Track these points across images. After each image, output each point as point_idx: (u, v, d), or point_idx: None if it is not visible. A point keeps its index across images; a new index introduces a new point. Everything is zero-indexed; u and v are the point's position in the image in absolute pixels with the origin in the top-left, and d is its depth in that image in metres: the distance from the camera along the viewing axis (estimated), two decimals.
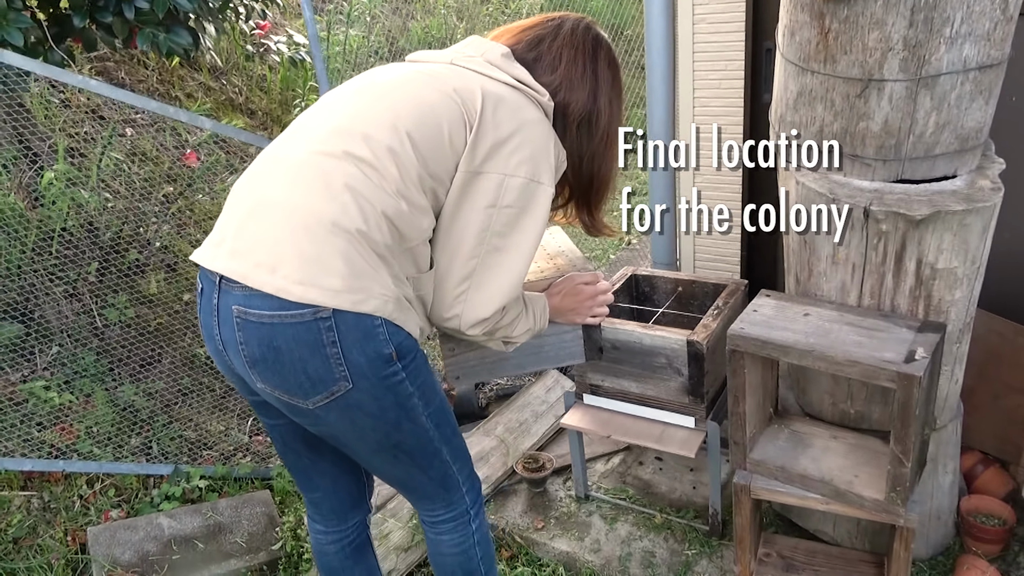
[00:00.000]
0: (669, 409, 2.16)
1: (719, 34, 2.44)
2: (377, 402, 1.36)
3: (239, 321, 1.30)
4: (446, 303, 1.42)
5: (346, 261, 1.27)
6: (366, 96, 1.41)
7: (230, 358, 1.36)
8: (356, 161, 1.31)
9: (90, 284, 2.94)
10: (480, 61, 1.47)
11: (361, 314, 1.28)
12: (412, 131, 1.34)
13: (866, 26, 1.51)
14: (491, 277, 1.41)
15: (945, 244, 1.60)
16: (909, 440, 1.57)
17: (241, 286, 1.28)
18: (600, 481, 2.55)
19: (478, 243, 1.39)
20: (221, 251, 1.33)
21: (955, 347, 1.77)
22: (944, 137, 1.60)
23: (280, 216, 1.30)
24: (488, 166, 1.38)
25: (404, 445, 1.45)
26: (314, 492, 1.67)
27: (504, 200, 1.39)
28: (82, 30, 2.62)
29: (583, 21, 1.57)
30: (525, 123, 1.41)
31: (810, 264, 1.80)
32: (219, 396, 3.04)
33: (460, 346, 1.67)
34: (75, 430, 2.64)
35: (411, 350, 1.38)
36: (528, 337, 1.59)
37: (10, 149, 2.92)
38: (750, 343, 1.70)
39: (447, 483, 1.57)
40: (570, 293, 1.69)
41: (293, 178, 1.33)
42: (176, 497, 2.58)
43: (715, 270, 2.78)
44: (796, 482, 1.82)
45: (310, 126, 1.40)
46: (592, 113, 1.53)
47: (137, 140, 3.63)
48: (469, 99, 1.39)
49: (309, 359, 1.29)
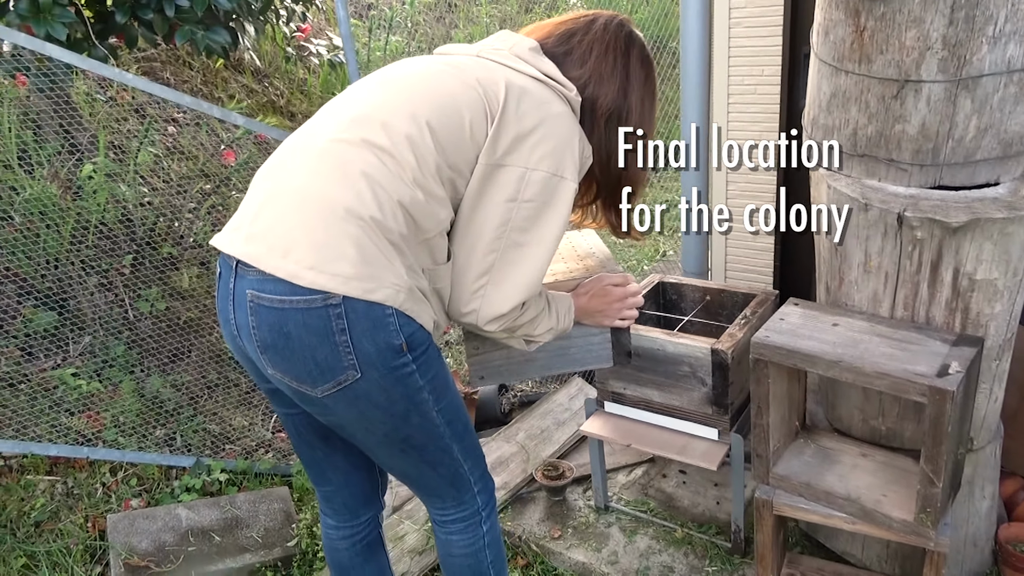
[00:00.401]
0: (692, 420, 2.10)
1: (756, 39, 2.38)
2: (386, 393, 1.34)
3: (252, 306, 1.29)
4: (464, 298, 1.40)
5: (358, 248, 1.26)
6: (388, 86, 1.41)
7: (243, 343, 1.35)
8: (374, 149, 1.30)
9: (124, 276, 2.99)
10: (506, 54, 1.45)
11: (372, 302, 1.27)
12: (432, 120, 1.32)
13: (903, 24, 1.45)
14: (510, 273, 1.38)
15: (984, 254, 1.53)
16: (941, 459, 1.49)
17: (256, 270, 1.28)
18: (621, 492, 2.49)
19: (497, 237, 1.37)
20: (238, 236, 1.33)
21: (994, 364, 1.68)
22: (986, 142, 1.53)
23: (296, 202, 1.30)
24: (510, 159, 1.36)
25: (413, 439, 1.43)
26: (326, 486, 1.65)
27: (525, 194, 1.36)
28: (124, 26, 2.67)
29: (617, 18, 1.53)
30: (549, 116, 1.38)
31: (841, 272, 1.73)
32: (244, 392, 3.06)
33: (484, 345, 1.63)
34: (102, 418, 2.68)
35: (423, 342, 1.35)
36: (551, 337, 1.55)
37: (54, 143, 2.99)
38: (775, 352, 1.64)
39: (458, 482, 1.54)
40: (598, 294, 1.64)
41: (311, 165, 1.32)
42: (196, 489, 2.59)
43: (747, 281, 2.71)
44: (821, 499, 1.74)
45: (331, 116, 1.40)
46: (622, 109, 1.49)
47: (178, 138, 3.70)
48: (492, 90, 1.37)
49: (318, 346, 1.27)
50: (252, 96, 4.68)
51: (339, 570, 1.75)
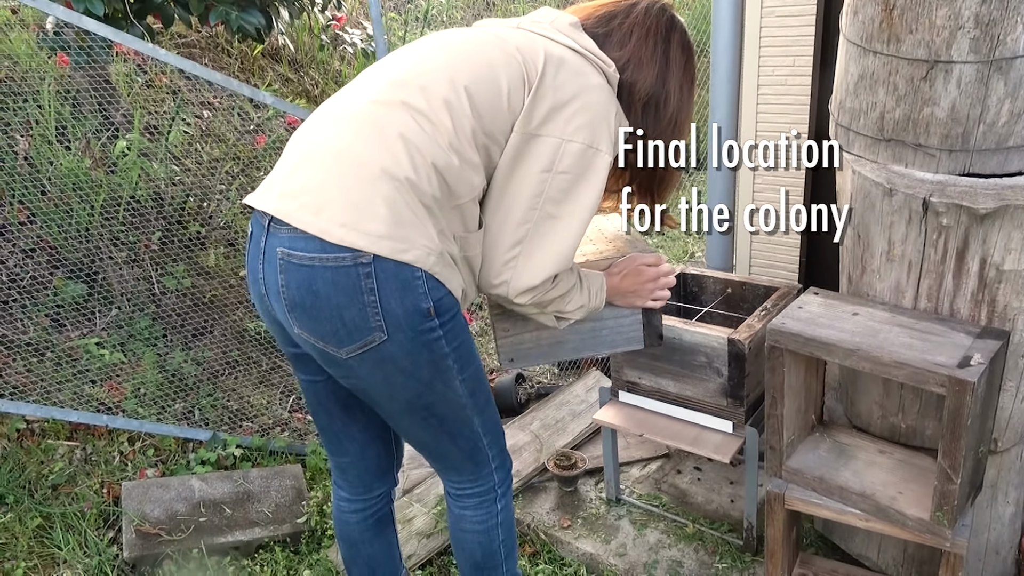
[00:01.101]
0: (706, 411, 2.06)
1: (788, 27, 2.34)
2: (411, 357, 1.33)
3: (282, 263, 1.29)
4: (495, 268, 1.39)
5: (390, 208, 1.25)
6: (428, 52, 1.41)
7: (271, 303, 1.36)
8: (411, 111, 1.30)
9: (152, 252, 3.04)
10: (547, 26, 1.45)
11: (401, 263, 1.26)
12: (470, 86, 1.32)
13: (934, 1, 1.41)
14: (543, 244, 1.37)
15: (1014, 243, 1.47)
16: (959, 454, 1.43)
17: (288, 227, 1.28)
18: (634, 486, 2.45)
19: (531, 208, 1.35)
20: (272, 193, 1.33)
21: (1022, 361, 1.62)
22: (1019, 128, 1.47)
23: (330, 160, 1.30)
24: (546, 129, 1.34)
25: (435, 408, 1.42)
26: (342, 456, 1.65)
27: (560, 165, 1.34)
28: (160, 5, 2.72)
29: (659, 3, 1.51)
30: (587, 88, 1.37)
31: (863, 261, 1.68)
32: (265, 371, 3.09)
33: (515, 327, 1.61)
34: (123, 389, 2.72)
35: (451, 308, 1.34)
36: (582, 314, 1.53)
37: (91, 120, 3.06)
38: (791, 339, 1.60)
39: (476, 456, 1.53)
40: (631, 273, 1.61)
41: (347, 126, 1.33)
42: (211, 462, 2.61)
43: (772, 276, 2.65)
44: (835, 495, 1.69)
45: (370, 79, 1.40)
46: (660, 95, 1.47)
47: (212, 122, 3.76)
48: (531, 59, 1.36)
49: (346, 306, 1.27)
50: (287, 85, 4.74)
51: (348, 544, 1.75)
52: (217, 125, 3.68)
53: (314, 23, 4.49)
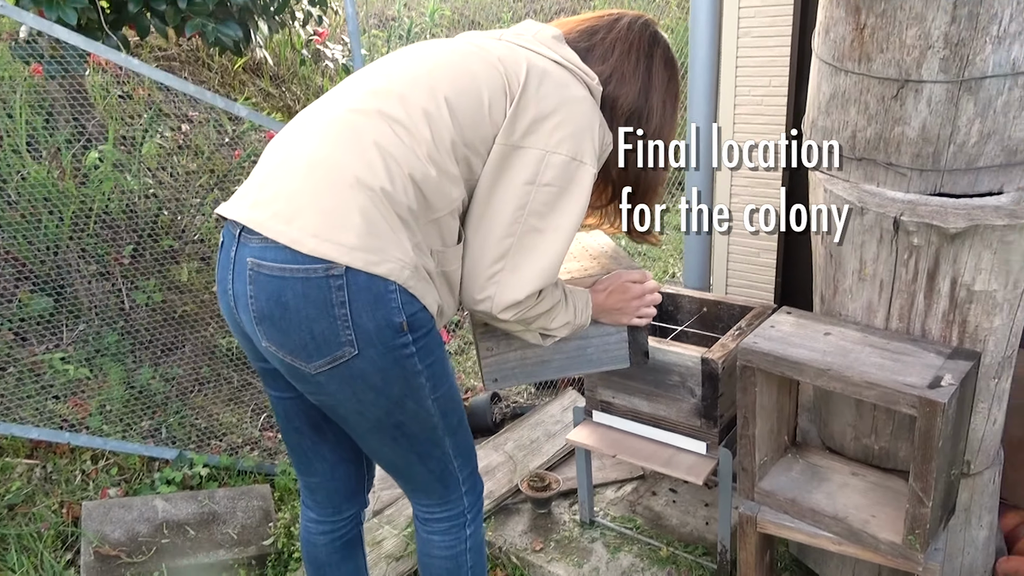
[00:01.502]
0: (680, 432, 2.03)
1: (764, 48, 2.34)
2: (382, 374, 1.29)
3: (252, 274, 1.26)
4: (478, 283, 1.36)
5: (365, 218, 1.22)
6: (409, 62, 1.39)
7: (240, 315, 1.32)
8: (389, 120, 1.28)
9: (123, 266, 2.99)
10: (529, 38, 1.43)
11: (374, 276, 1.23)
12: (450, 96, 1.30)
13: (904, 21, 1.41)
14: (527, 258, 1.34)
15: (984, 263, 1.46)
16: (930, 476, 1.41)
17: (259, 237, 1.25)
18: (608, 508, 2.41)
19: (514, 221, 1.33)
20: (244, 202, 1.31)
21: (993, 383, 1.60)
22: (989, 148, 1.47)
23: (304, 168, 1.27)
24: (529, 141, 1.32)
25: (405, 427, 1.38)
26: (311, 476, 1.60)
27: (544, 177, 1.32)
28: (136, 15, 2.70)
29: (642, 18, 1.51)
30: (570, 99, 1.35)
31: (836, 280, 1.67)
32: (236, 388, 3.03)
33: (499, 346, 1.58)
34: (88, 406, 2.66)
35: (425, 324, 1.31)
36: (568, 332, 1.50)
37: (64, 131, 3.01)
38: (762, 359, 1.58)
39: (446, 478, 1.49)
40: (617, 290, 1.58)
41: (323, 133, 1.30)
42: (176, 482, 2.55)
43: (749, 295, 2.64)
44: (807, 517, 1.66)
45: (349, 88, 1.38)
46: (642, 110, 1.46)
47: (189, 135, 3.72)
48: (513, 70, 1.34)
49: (316, 318, 1.23)
50: (268, 100, 4.72)
51: (315, 566, 1.69)
52: (194, 138, 3.64)
53: (296, 38, 4.48)
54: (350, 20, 2.49)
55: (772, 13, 2.30)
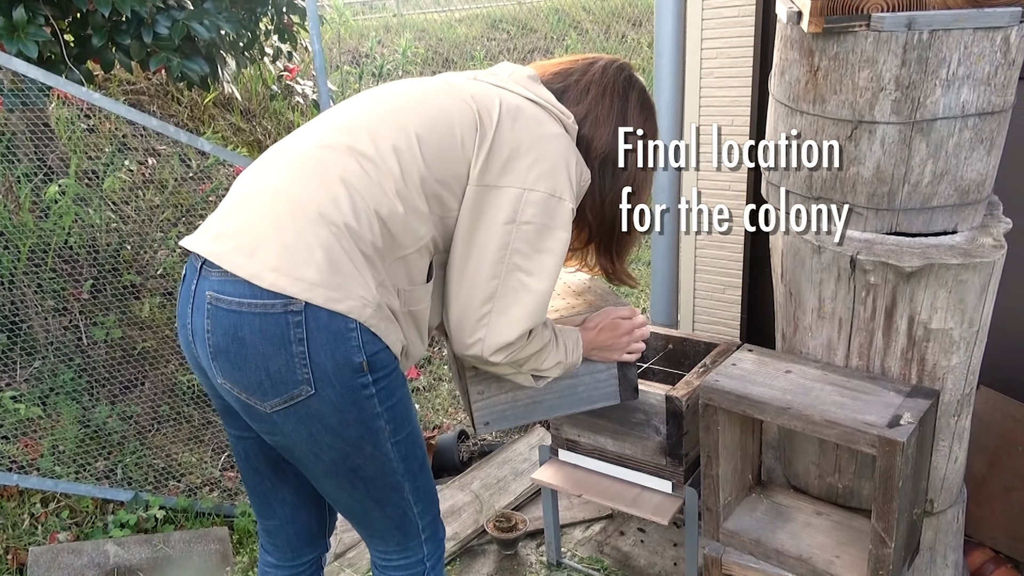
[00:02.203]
0: (646, 471, 2.00)
1: (727, 88, 2.38)
2: (339, 415, 1.25)
3: (210, 308, 1.23)
4: (468, 327, 1.33)
5: (327, 254, 1.19)
6: (379, 99, 1.37)
7: (197, 350, 1.28)
8: (357, 156, 1.26)
9: (81, 302, 2.92)
10: (504, 78, 1.43)
11: (334, 313, 1.19)
12: (421, 132, 1.28)
13: (856, 64, 1.43)
14: (514, 299, 1.32)
15: (939, 302, 1.47)
16: (892, 516, 1.40)
17: (219, 271, 1.22)
18: (576, 548, 2.37)
19: (498, 262, 1.31)
20: (207, 234, 1.28)
21: (953, 420, 1.61)
22: (942, 188, 1.49)
23: (268, 201, 1.25)
24: (506, 180, 1.31)
25: (362, 471, 1.33)
26: (271, 519, 1.55)
27: (523, 216, 1.30)
28: (100, 49, 2.67)
29: (617, 62, 1.50)
30: (545, 136, 1.34)
31: (796, 318, 1.67)
32: (196, 427, 2.96)
33: (490, 388, 1.55)
34: (40, 446, 2.57)
35: (387, 365, 1.27)
36: (560, 371, 1.48)
37: (23, 163, 2.96)
38: (724, 397, 1.57)
39: (405, 525, 1.44)
40: (607, 327, 1.57)
41: (290, 167, 1.28)
42: (130, 525, 2.47)
43: (715, 332, 2.64)
44: (772, 558, 1.64)
45: (318, 125, 1.36)
46: (616, 153, 1.45)
47: (155, 169, 3.68)
48: (486, 106, 1.33)
49: (272, 355, 1.20)
50: (239, 134, 4.70)
51: None
52: (159, 172, 3.60)
53: (267, 74, 4.48)
54: (317, 57, 2.49)
55: (733, 55, 2.34)
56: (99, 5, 2.54)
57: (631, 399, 1.69)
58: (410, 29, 6.82)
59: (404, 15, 7.66)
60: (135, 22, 2.67)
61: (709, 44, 2.39)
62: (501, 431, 3.19)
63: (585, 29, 7.51)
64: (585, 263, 1.70)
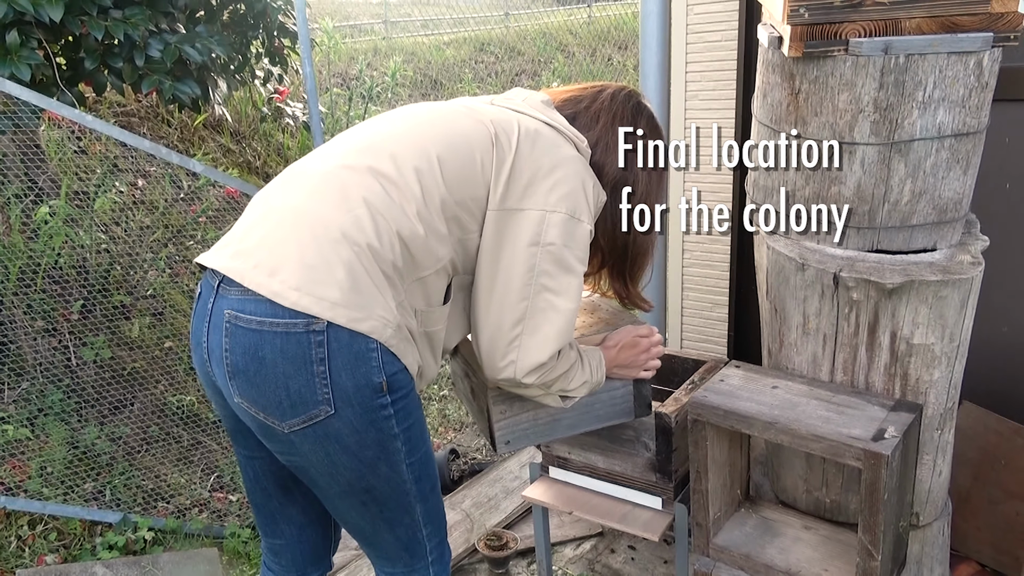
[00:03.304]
0: (636, 487, 2.02)
1: (711, 110, 2.43)
2: (357, 436, 1.25)
3: (229, 326, 1.22)
4: (499, 350, 1.34)
5: (349, 274, 1.20)
6: (400, 121, 1.39)
7: (212, 369, 1.28)
8: (379, 177, 1.27)
9: (71, 322, 2.92)
10: (519, 103, 1.46)
11: (356, 333, 1.20)
12: (442, 155, 1.30)
13: (836, 87, 1.47)
14: (544, 319, 1.33)
15: (920, 317, 1.50)
16: (878, 529, 1.42)
17: (239, 288, 1.22)
18: (567, 567, 2.38)
19: (526, 284, 1.32)
20: (225, 252, 1.28)
21: (936, 434, 1.64)
22: (921, 206, 1.53)
23: (289, 221, 1.25)
24: (528, 203, 1.32)
25: (376, 492, 1.33)
26: (277, 539, 1.54)
27: (547, 237, 1.32)
28: (93, 72, 2.70)
29: (625, 89, 1.53)
30: (564, 159, 1.36)
31: (781, 334, 1.70)
32: (186, 448, 2.95)
33: (512, 407, 1.57)
34: (27, 468, 2.55)
35: (404, 385, 1.28)
36: (586, 391, 1.49)
37: (15, 185, 2.97)
38: (712, 412, 1.59)
39: (413, 547, 1.43)
40: (628, 346, 1.59)
41: (311, 188, 1.29)
42: (118, 547, 2.45)
43: (703, 350, 2.67)
44: (761, 573, 1.66)
45: (340, 145, 1.37)
46: (628, 179, 1.47)
47: (145, 190, 3.69)
48: (505, 129, 1.35)
49: (293, 375, 1.20)
50: (228, 156, 4.72)
51: None
52: (149, 193, 3.61)
53: (257, 96, 4.51)
54: (308, 80, 2.53)
55: (716, 78, 2.40)
56: (92, 29, 2.57)
57: (644, 415, 1.72)
58: (399, 52, 6.90)
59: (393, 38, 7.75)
60: (127, 45, 2.70)
61: (693, 68, 2.45)
62: (491, 449, 3.20)
63: (572, 52, 7.62)
64: (598, 287, 1.73)
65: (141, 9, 2.68)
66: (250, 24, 3.50)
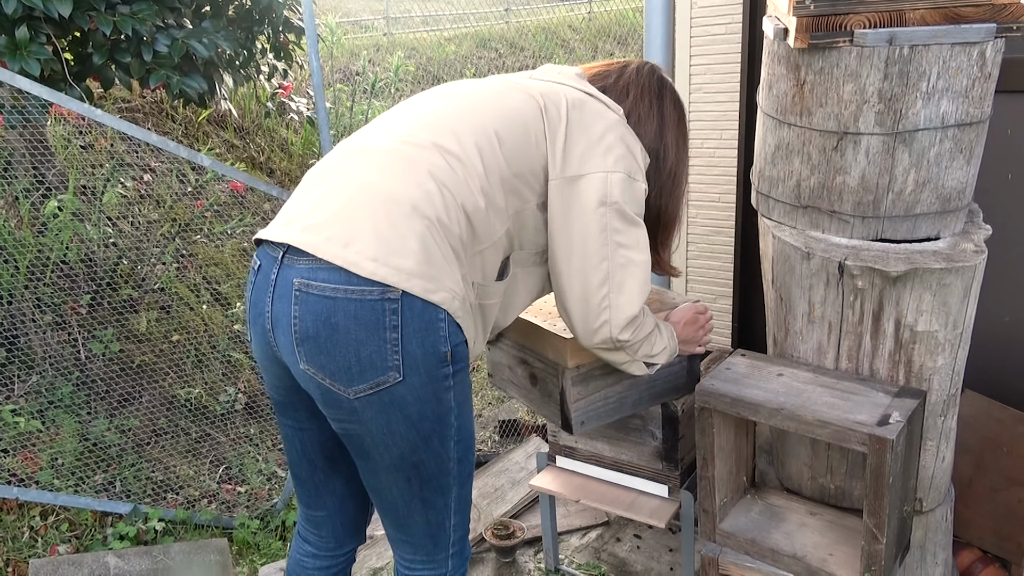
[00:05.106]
0: (643, 476, 2.04)
1: (715, 103, 2.45)
2: (419, 405, 1.28)
3: (299, 294, 1.24)
4: (592, 312, 1.39)
5: (422, 246, 1.23)
6: (452, 98, 1.42)
7: (276, 337, 1.29)
8: (443, 152, 1.30)
9: (79, 316, 2.94)
10: (556, 75, 1.50)
11: (428, 303, 1.23)
12: (500, 131, 1.34)
13: (841, 78, 1.50)
14: (625, 275, 1.39)
15: (924, 305, 1.53)
16: (883, 512, 1.45)
17: (309, 258, 1.24)
18: (573, 555, 2.40)
19: (603, 244, 1.37)
20: (293, 227, 1.29)
21: (940, 420, 1.66)
22: (925, 196, 1.55)
23: (359, 194, 1.27)
24: (588, 167, 1.37)
25: (423, 468, 1.36)
26: (318, 510, 1.57)
27: (612, 196, 1.37)
28: (100, 67, 2.71)
29: (648, 64, 1.58)
30: (611, 124, 1.41)
31: (787, 323, 1.72)
32: (194, 440, 2.97)
33: (587, 388, 1.65)
34: (39, 459, 2.58)
35: (464, 358, 1.32)
36: (666, 357, 1.55)
37: (22, 179, 2.99)
38: (719, 400, 1.61)
39: (439, 535, 1.45)
40: (690, 322, 1.66)
41: (376, 162, 1.31)
42: (129, 537, 2.48)
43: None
44: (767, 558, 1.68)
45: (393, 122, 1.39)
46: (660, 149, 1.51)
47: (153, 186, 3.71)
48: (554, 101, 1.40)
49: (365, 341, 1.22)
50: (232, 151, 4.74)
51: None
52: (156, 187, 3.63)
53: (261, 91, 4.53)
54: (314, 74, 2.54)
55: (721, 71, 2.41)
56: (100, 24, 2.59)
57: (691, 390, 1.79)
58: (401, 48, 6.91)
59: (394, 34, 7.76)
60: (135, 41, 2.71)
61: (698, 60, 2.46)
62: (497, 441, 3.22)
63: (572, 47, 7.62)
64: None
65: (148, 4, 2.70)
66: (255, 19, 3.51)
